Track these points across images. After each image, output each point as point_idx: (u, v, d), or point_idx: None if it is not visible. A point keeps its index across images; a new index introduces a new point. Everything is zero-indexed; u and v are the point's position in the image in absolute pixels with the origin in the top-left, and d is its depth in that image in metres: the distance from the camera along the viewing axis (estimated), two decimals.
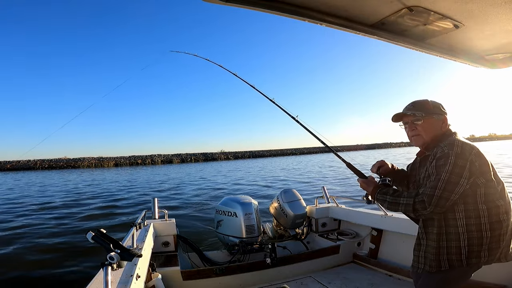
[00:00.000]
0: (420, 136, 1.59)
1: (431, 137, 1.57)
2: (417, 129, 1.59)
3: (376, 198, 1.61)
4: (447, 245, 1.40)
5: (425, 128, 1.57)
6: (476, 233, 1.36)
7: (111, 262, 1.39)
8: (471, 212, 1.37)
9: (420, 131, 1.59)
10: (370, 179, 1.74)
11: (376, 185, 1.67)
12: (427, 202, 1.37)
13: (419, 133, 1.59)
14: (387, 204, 1.54)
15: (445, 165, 1.37)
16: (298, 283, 2.81)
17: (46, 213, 8.46)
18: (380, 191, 1.60)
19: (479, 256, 1.37)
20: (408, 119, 1.63)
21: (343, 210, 3.54)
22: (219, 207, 3.32)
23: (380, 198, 1.58)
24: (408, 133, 1.66)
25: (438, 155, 1.42)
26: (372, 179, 1.73)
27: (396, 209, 1.50)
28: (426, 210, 1.37)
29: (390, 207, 1.53)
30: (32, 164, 45.46)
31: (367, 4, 1.17)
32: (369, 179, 1.74)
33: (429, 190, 1.38)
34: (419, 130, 1.59)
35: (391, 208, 1.53)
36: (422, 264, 1.48)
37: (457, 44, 1.52)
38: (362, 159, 29.23)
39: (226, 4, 1.05)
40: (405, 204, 1.44)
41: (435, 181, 1.38)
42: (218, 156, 63.18)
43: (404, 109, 1.64)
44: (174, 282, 2.61)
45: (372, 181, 1.71)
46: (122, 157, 55.85)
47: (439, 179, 1.37)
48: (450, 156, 1.38)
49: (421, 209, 1.39)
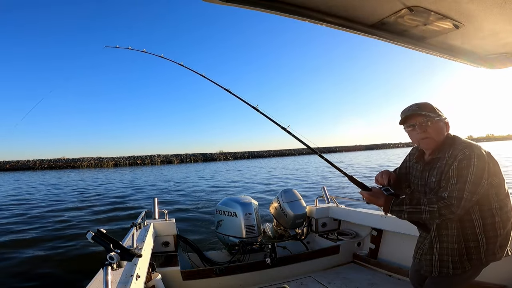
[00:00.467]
0: (431, 139, 1.53)
1: (441, 139, 1.53)
2: (427, 131, 1.53)
3: (391, 210, 1.51)
4: (466, 246, 1.42)
5: (436, 130, 1.52)
6: (491, 232, 1.41)
7: (111, 262, 1.40)
8: (486, 212, 1.41)
9: (431, 133, 1.52)
10: (376, 191, 1.62)
11: (386, 197, 1.56)
12: (455, 205, 1.34)
13: (430, 136, 1.53)
14: (406, 214, 1.46)
15: (468, 167, 1.36)
16: (298, 283, 2.81)
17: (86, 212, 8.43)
18: (394, 202, 1.51)
19: (494, 253, 1.42)
20: (418, 120, 1.54)
21: (343, 210, 3.54)
22: (219, 207, 3.32)
23: (396, 209, 1.49)
24: (416, 135, 1.58)
25: (460, 157, 1.39)
26: (379, 191, 1.61)
27: (418, 218, 1.46)
28: (454, 214, 1.35)
29: (410, 216, 1.46)
30: (31, 164, 45.43)
31: (367, 4, 1.17)
32: (375, 192, 1.61)
33: (456, 193, 1.35)
34: (430, 132, 1.52)
35: (411, 217, 1.47)
36: (437, 268, 1.48)
37: (457, 44, 1.52)
38: (361, 161, 29.23)
39: (226, 4, 1.05)
40: (429, 211, 1.39)
41: (461, 184, 1.35)
42: (217, 156, 63.08)
43: (408, 111, 1.57)
44: (174, 282, 2.61)
45: (381, 193, 1.59)
46: (122, 157, 55.92)
47: (465, 181, 1.35)
48: (472, 158, 1.37)
49: (448, 214, 1.36)
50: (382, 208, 1.56)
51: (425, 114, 1.52)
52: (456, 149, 1.43)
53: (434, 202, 1.39)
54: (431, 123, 1.52)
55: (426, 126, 1.52)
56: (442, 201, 1.37)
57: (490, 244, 1.41)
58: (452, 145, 1.48)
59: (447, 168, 1.43)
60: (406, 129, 1.62)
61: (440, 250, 1.48)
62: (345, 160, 32.76)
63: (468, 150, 1.39)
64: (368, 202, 1.62)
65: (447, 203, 1.36)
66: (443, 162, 1.47)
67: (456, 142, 1.49)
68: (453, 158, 1.42)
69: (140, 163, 52.15)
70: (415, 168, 1.70)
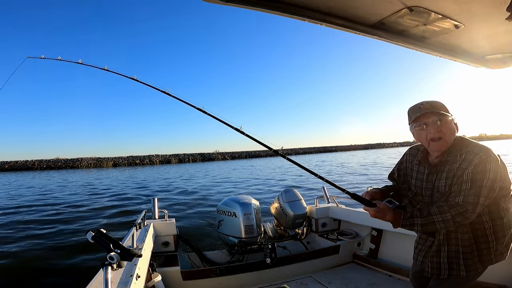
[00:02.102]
0: (444, 140, 1.43)
1: (451, 141, 1.45)
2: (441, 131, 1.42)
3: (402, 224, 1.41)
4: (478, 248, 1.42)
5: (449, 130, 1.44)
6: (500, 233, 1.41)
7: (111, 262, 1.39)
8: (495, 213, 1.41)
9: (444, 134, 1.43)
10: (381, 206, 1.48)
11: (393, 211, 1.46)
12: (470, 211, 1.31)
13: (442, 136, 1.43)
14: (419, 227, 1.38)
15: (485, 171, 1.32)
16: (298, 283, 2.81)
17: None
18: (404, 216, 1.41)
19: (502, 253, 1.43)
20: (430, 119, 1.44)
21: (343, 210, 3.54)
22: (220, 207, 3.33)
23: (407, 223, 1.40)
24: (427, 135, 1.47)
25: (476, 161, 1.33)
26: (384, 207, 1.48)
27: (432, 229, 1.39)
28: (468, 219, 1.33)
29: (424, 229, 1.39)
30: (30, 165, 45.36)
31: (367, 4, 1.17)
32: (380, 208, 1.48)
33: (472, 199, 1.31)
34: (443, 132, 1.42)
35: (425, 229, 1.41)
36: (446, 270, 1.47)
37: (457, 44, 1.52)
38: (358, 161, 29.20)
39: (226, 4, 1.05)
40: (443, 221, 1.33)
41: (477, 188, 1.31)
42: (215, 156, 63.42)
43: (420, 109, 1.46)
44: (174, 282, 2.61)
45: (387, 209, 1.47)
46: (120, 157, 56.06)
47: (481, 185, 1.31)
48: (488, 163, 1.33)
49: (463, 220, 1.32)
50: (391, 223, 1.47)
51: (440, 113, 1.42)
52: (470, 152, 1.37)
53: (446, 211, 1.33)
54: (446, 122, 1.43)
55: (441, 125, 1.43)
56: (454, 208, 1.32)
57: (499, 244, 1.42)
58: (461, 147, 1.43)
59: (460, 172, 1.37)
60: (415, 128, 1.50)
61: (448, 253, 1.46)
62: (345, 159, 32.80)
63: (484, 154, 1.34)
64: (375, 218, 1.51)
65: (461, 210, 1.31)
66: (454, 166, 1.41)
67: (466, 144, 1.44)
68: (467, 162, 1.36)
69: (139, 163, 52.26)
70: (417, 170, 1.62)
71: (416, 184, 1.62)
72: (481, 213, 1.39)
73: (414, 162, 1.66)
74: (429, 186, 1.54)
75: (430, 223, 1.36)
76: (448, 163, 1.45)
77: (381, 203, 1.50)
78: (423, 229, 1.39)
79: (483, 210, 1.39)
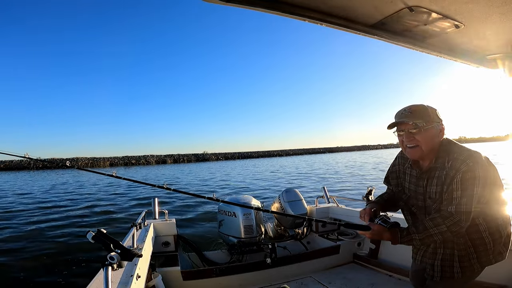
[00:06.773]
0: (419, 148, 1.45)
1: (430, 148, 1.45)
2: (415, 140, 1.44)
3: (401, 242, 1.43)
4: (476, 250, 1.42)
5: (425, 138, 1.43)
6: (496, 234, 1.42)
7: (112, 262, 1.39)
8: (489, 216, 1.42)
9: (419, 142, 1.44)
10: (376, 228, 1.50)
11: (389, 231, 1.47)
12: (464, 220, 1.32)
13: (418, 144, 1.44)
14: (418, 241, 1.41)
15: (474, 179, 1.32)
16: (298, 283, 2.81)
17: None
18: (401, 234, 1.43)
19: (501, 252, 1.44)
20: (406, 128, 1.46)
21: (343, 210, 3.53)
22: (221, 207, 3.33)
23: (406, 240, 1.42)
24: (402, 142, 1.51)
25: (464, 169, 1.33)
26: (379, 228, 1.50)
27: (431, 242, 1.42)
28: (464, 228, 1.35)
29: (423, 242, 1.43)
30: (25, 164, 45.16)
31: (367, 4, 1.17)
32: (375, 230, 1.50)
33: (464, 207, 1.32)
34: (418, 140, 1.44)
35: (424, 243, 1.45)
36: (439, 272, 1.47)
37: (457, 44, 1.52)
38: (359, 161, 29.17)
39: (226, 4, 1.05)
40: (440, 233, 1.35)
41: (468, 197, 1.32)
42: (209, 157, 66.16)
43: (400, 115, 1.48)
44: (174, 282, 2.61)
45: (382, 229, 1.48)
46: (116, 157, 56.52)
47: (472, 194, 1.32)
48: (477, 170, 1.32)
49: (459, 229, 1.34)
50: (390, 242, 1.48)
51: (413, 124, 1.43)
52: (457, 160, 1.37)
53: (441, 223, 1.35)
54: (422, 131, 1.43)
55: (416, 133, 1.44)
56: (448, 219, 1.34)
57: (496, 244, 1.42)
58: (449, 152, 1.42)
59: (449, 180, 1.37)
60: (395, 133, 1.54)
61: (443, 255, 1.46)
62: (344, 159, 32.68)
63: (471, 161, 1.33)
64: (373, 238, 1.53)
65: (455, 220, 1.33)
66: (442, 173, 1.41)
67: (453, 150, 1.43)
68: (455, 169, 1.35)
69: (135, 163, 52.60)
70: (410, 174, 1.62)
71: (409, 188, 1.63)
72: (475, 216, 1.39)
73: (406, 165, 1.66)
74: (420, 191, 1.55)
75: (427, 237, 1.39)
76: (437, 169, 1.45)
77: (375, 225, 1.52)
78: (422, 242, 1.43)
79: (477, 214, 1.40)
